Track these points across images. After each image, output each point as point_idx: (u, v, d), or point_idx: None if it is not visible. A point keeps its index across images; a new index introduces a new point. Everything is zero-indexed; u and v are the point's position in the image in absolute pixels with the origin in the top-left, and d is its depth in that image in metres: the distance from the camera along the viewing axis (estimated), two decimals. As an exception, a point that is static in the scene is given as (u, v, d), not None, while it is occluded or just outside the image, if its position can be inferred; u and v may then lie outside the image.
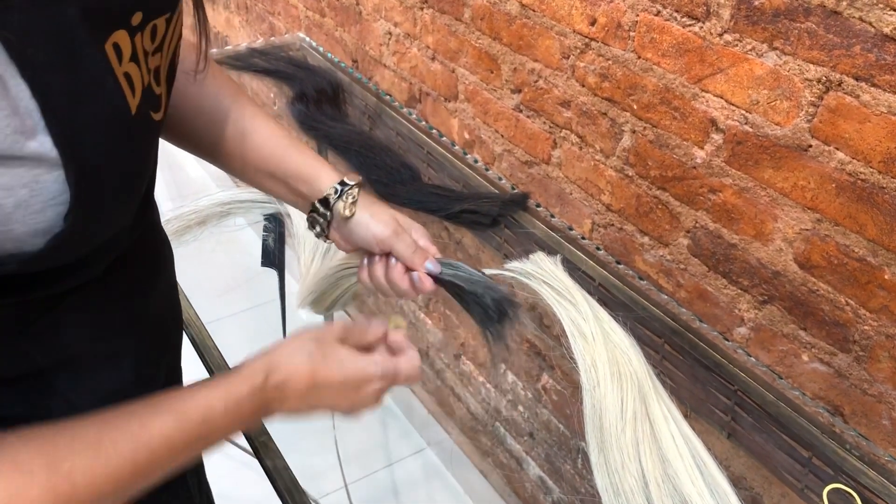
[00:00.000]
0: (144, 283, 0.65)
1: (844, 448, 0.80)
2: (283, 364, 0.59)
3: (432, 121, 1.49)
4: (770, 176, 0.89)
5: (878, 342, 0.84)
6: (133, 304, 0.62)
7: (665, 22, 0.94)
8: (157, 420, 0.51)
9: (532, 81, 1.20)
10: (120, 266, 0.58)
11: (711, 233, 0.99)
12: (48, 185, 0.42)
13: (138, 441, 0.49)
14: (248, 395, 0.56)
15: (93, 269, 0.55)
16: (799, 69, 0.81)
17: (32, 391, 0.47)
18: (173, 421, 0.51)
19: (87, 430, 0.47)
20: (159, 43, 0.51)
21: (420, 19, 1.41)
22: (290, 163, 0.73)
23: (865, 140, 0.77)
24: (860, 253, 0.82)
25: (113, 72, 0.45)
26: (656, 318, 0.97)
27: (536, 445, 1.57)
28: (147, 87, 0.49)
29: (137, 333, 0.63)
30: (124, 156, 0.47)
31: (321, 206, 0.72)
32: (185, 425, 0.52)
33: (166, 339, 0.71)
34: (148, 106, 0.50)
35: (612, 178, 1.11)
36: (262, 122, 0.73)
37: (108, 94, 0.45)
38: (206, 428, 0.53)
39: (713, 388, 0.93)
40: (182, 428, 0.52)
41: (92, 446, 0.46)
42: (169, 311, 0.71)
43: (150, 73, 0.50)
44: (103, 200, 0.47)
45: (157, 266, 0.68)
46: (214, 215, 1.17)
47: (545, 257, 0.94)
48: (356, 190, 0.72)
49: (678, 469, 0.74)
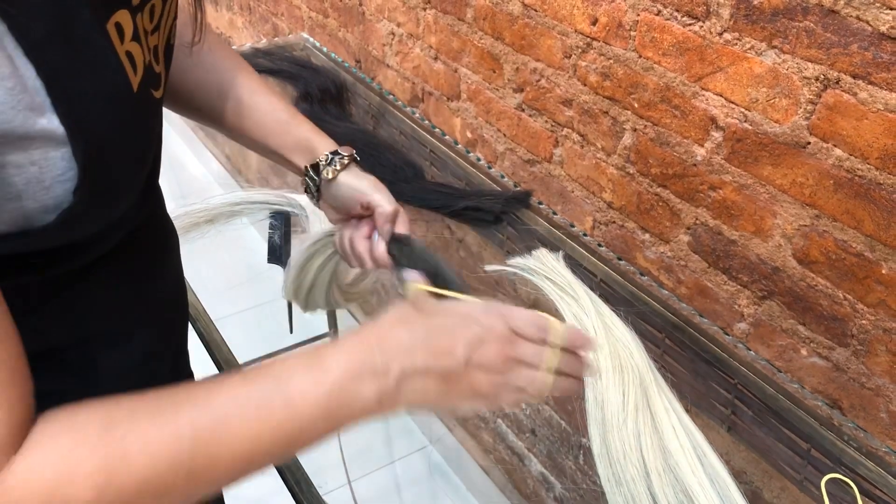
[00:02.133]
0: (153, 263, 0.66)
1: (843, 440, 0.81)
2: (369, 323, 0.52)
3: (435, 120, 1.51)
4: (769, 173, 0.90)
5: (875, 336, 0.85)
6: (143, 283, 0.64)
7: (665, 21, 0.95)
8: (223, 382, 0.45)
9: (534, 81, 1.21)
10: (129, 246, 0.60)
11: (711, 229, 1.00)
12: (56, 162, 0.43)
13: (202, 406, 0.44)
14: (332, 349, 0.49)
15: (102, 247, 0.56)
16: (797, 67, 0.83)
17: (46, 370, 0.48)
18: (240, 379, 0.46)
19: (147, 399, 0.43)
20: (157, 22, 0.52)
21: (423, 20, 1.42)
22: (290, 137, 0.75)
23: (863, 137, 0.79)
24: (858, 248, 0.83)
25: (115, 51, 0.46)
26: (657, 313, 0.98)
27: (538, 442, 1.58)
28: (147, 65, 0.51)
29: (148, 313, 0.65)
30: (128, 133, 0.49)
31: (311, 171, 0.75)
32: (255, 383, 0.46)
33: (174, 322, 0.72)
34: (149, 84, 0.51)
35: (614, 176, 1.13)
36: (263, 97, 0.76)
37: (111, 72, 0.46)
38: (281, 385, 0.46)
39: (713, 382, 0.94)
40: (251, 386, 0.45)
41: (150, 412, 0.42)
42: (176, 294, 0.73)
43: (150, 51, 0.51)
44: (110, 176, 0.48)
45: (165, 248, 0.70)
46: (224, 214, 1.19)
47: (547, 254, 0.95)
48: (346, 159, 0.74)
49: (679, 460, 0.75)
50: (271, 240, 1.26)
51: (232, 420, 0.44)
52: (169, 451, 0.41)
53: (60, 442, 0.40)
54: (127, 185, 0.52)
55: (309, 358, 0.48)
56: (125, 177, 0.51)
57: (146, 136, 0.53)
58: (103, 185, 0.47)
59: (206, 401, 0.44)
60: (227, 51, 0.77)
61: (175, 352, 0.74)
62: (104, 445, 0.40)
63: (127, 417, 0.42)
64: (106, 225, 0.52)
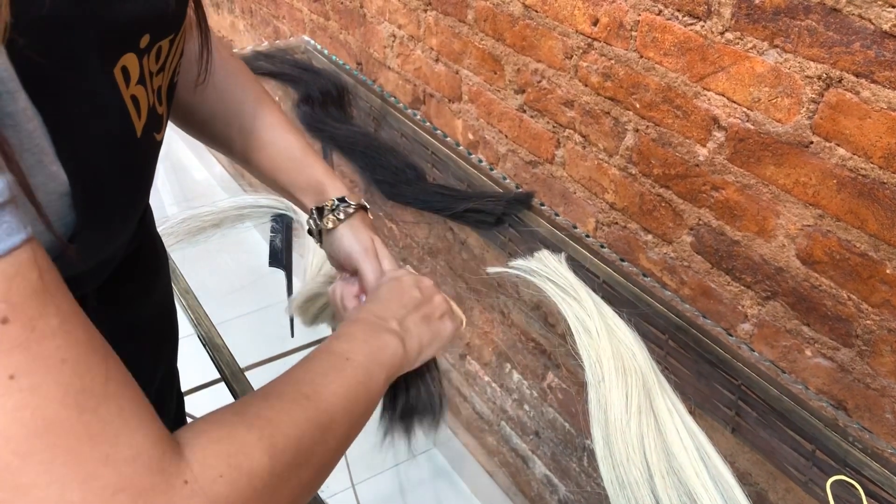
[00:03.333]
0: (142, 292, 0.65)
1: (848, 441, 0.81)
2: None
3: (436, 122, 1.51)
4: (772, 173, 0.89)
5: (880, 337, 0.84)
6: (131, 312, 0.63)
7: (667, 21, 0.95)
8: (294, 371, 0.54)
9: (535, 82, 1.21)
10: (116, 279, 0.58)
11: (714, 230, 1.00)
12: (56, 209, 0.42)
13: (311, 382, 0.52)
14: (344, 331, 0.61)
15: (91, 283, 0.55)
16: (799, 66, 0.82)
17: None
18: (321, 352, 0.57)
19: (264, 390, 0.50)
20: (162, 63, 0.51)
21: (424, 21, 1.42)
22: (301, 176, 0.75)
23: (866, 136, 0.78)
24: (862, 248, 0.83)
25: (121, 96, 0.45)
26: (660, 314, 0.98)
27: (542, 444, 1.57)
28: (151, 107, 0.50)
29: (136, 340, 0.63)
30: (129, 178, 0.48)
31: (316, 215, 0.74)
32: (316, 360, 0.55)
33: (161, 346, 0.71)
34: (152, 127, 0.50)
35: (616, 177, 1.12)
36: (279, 133, 0.75)
37: (116, 118, 0.45)
38: (334, 355, 0.57)
39: (717, 383, 0.93)
40: (315, 361, 0.55)
41: (266, 394, 0.49)
42: (165, 318, 0.72)
43: (154, 93, 0.50)
44: (107, 221, 0.47)
45: (155, 273, 0.69)
46: (230, 218, 1.19)
47: (550, 255, 0.95)
48: (352, 209, 0.73)
49: (683, 462, 0.74)
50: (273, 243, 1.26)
51: (330, 380, 0.53)
52: (301, 413, 0.49)
53: (212, 433, 0.43)
54: (121, 225, 0.51)
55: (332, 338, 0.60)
56: (120, 217, 0.50)
57: (146, 179, 0.52)
58: (99, 227, 0.47)
59: (300, 377, 0.52)
60: (247, 78, 0.76)
61: (164, 375, 0.73)
62: (252, 421, 0.45)
63: (254, 402, 0.47)
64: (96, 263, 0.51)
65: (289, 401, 0.49)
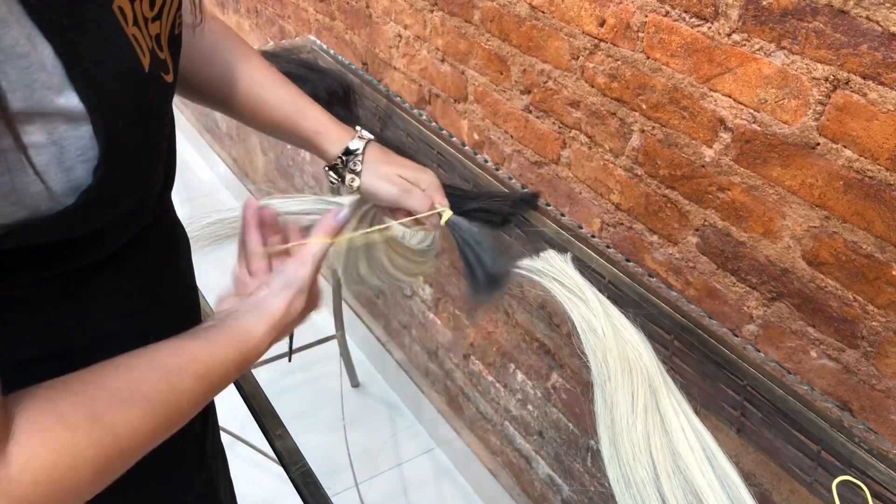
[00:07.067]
0: (166, 265, 0.67)
1: (853, 442, 0.81)
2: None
3: (442, 122, 1.51)
4: (778, 174, 0.90)
5: (886, 338, 0.84)
6: (157, 284, 0.65)
7: (674, 22, 0.95)
8: (183, 341, 0.56)
9: (541, 82, 1.21)
10: (143, 245, 0.60)
11: (720, 231, 1.00)
12: (76, 141, 0.44)
13: (168, 372, 0.52)
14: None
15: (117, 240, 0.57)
16: (807, 68, 0.82)
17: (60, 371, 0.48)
18: (189, 336, 0.57)
19: (118, 379, 0.49)
20: (158, 10, 0.53)
21: (430, 22, 1.42)
22: (300, 130, 0.79)
23: (873, 137, 0.78)
24: (868, 249, 0.83)
25: (124, 31, 0.48)
26: (666, 314, 0.98)
27: (546, 444, 1.57)
28: (152, 50, 0.52)
29: (162, 315, 0.65)
30: (143, 112, 0.50)
31: (333, 173, 0.79)
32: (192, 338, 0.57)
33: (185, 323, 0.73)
34: (157, 66, 0.52)
35: (622, 178, 1.13)
36: (271, 88, 0.79)
37: (123, 51, 0.47)
38: (198, 340, 0.58)
39: (722, 383, 0.94)
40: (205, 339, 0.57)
41: (127, 396, 0.49)
42: (189, 298, 0.74)
43: (151, 38, 0.52)
44: (129, 155, 0.49)
45: (177, 251, 0.71)
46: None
47: (556, 255, 0.95)
48: (361, 157, 0.77)
49: (689, 462, 0.75)
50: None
51: (198, 374, 0.54)
52: (148, 425, 0.49)
53: (56, 432, 0.43)
54: (143, 170, 0.53)
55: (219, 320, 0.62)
56: (142, 160, 0.51)
57: (159, 119, 0.54)
58: (122, 166, 0.48)
59: (168, 365, 0.53)
60: (236, 40, 0.79)
61: None
62: (98, 439, 0.45)
63: (108, 406, 0.47)
64: (123, 213, 0.52)
65: (144, 414, 0.49)
